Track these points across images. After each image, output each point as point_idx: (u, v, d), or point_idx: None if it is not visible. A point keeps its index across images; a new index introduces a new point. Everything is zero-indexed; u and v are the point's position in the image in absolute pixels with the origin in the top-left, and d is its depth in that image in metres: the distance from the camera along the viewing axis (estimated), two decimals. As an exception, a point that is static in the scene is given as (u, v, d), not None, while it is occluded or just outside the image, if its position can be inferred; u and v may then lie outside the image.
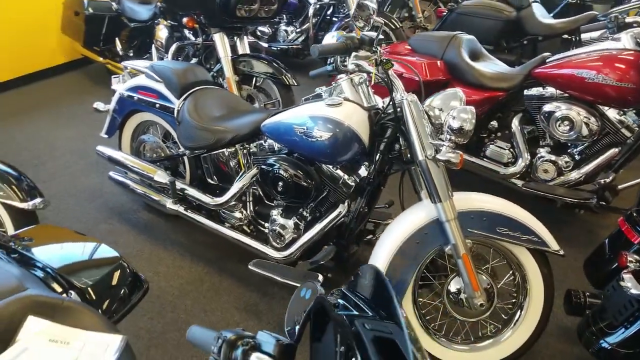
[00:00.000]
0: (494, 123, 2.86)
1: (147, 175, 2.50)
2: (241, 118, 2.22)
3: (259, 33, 4.97)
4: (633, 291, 1.57)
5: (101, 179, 3.20)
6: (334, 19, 4.70)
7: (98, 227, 2.78)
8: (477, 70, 2.78)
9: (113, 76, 2.77)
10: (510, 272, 1.92)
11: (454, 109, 1.68)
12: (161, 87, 2.48)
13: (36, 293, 1.11)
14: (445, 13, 4.08)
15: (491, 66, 2.87)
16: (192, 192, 2.38)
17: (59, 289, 1.31)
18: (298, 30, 4.68)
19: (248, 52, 3.38)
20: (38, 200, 2.23)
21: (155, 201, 2.53)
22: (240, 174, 2.27)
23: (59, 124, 3.99)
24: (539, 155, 2.66)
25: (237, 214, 2.31)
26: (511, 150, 2.78)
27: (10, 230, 2.22)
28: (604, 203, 2.50)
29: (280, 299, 2.30)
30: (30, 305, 1.04)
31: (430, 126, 1.73)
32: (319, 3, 4.61)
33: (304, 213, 2.11)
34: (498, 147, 2.82)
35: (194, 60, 3.55)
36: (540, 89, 2.63)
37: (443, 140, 1.69)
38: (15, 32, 4.37)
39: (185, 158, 2.55)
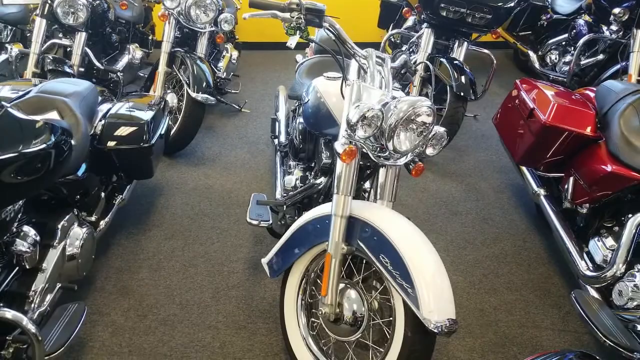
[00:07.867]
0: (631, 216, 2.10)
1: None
2: None
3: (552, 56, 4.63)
4: None
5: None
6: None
7: (237, 139, 3.67)
8: (623, 138, 2.09)
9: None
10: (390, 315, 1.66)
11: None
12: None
13: None
14: None
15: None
16: (279, 134, 2.87)
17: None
18: (566, 60, 4.11)
19: (459, 59, 3.41)
20: (204, 96, 3.20)
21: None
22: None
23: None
24: (630, 272, 1.87)
25: (291, 162, 2.68)
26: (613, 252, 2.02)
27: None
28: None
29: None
30: None
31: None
32: (608, 40, 3.90)
33: (308, 174, 2.32)
34: (602, 243, 2.09)
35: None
36: (680, 187, 1.80)
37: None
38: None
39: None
